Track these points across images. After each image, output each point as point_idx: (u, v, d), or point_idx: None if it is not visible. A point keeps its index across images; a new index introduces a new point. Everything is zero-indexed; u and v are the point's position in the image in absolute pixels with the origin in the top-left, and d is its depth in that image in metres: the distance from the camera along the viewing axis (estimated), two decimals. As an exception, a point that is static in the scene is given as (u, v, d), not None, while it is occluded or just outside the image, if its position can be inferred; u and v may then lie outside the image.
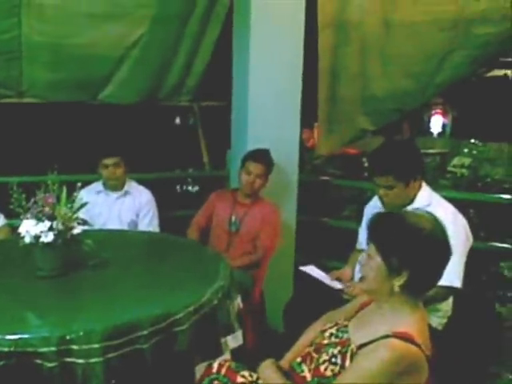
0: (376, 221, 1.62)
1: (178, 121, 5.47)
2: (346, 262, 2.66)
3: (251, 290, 2.88)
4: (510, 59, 5.93)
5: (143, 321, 1.66)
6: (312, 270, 2.40)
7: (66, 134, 4.20)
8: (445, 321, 2.36)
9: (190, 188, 4.61)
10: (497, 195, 3.64)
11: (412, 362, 1.46)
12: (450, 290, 2.20)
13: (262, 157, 3.02)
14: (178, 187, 4.62)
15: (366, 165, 4.83)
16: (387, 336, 1.47)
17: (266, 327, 3.02)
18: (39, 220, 1.95)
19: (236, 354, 2.05)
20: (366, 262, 1.58)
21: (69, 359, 1.55)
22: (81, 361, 1.56)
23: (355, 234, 2.76)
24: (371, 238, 1.59)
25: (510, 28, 3.51)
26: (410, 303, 1.55)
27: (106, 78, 3.58)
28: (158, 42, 3.52)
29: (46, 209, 1.97)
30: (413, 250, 1.51)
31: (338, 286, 2.32)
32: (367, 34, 3.65)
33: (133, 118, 4.20)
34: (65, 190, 2.04)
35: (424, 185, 2.37)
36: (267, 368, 1.68)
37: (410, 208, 2.16)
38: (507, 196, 3.56)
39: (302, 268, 2.42)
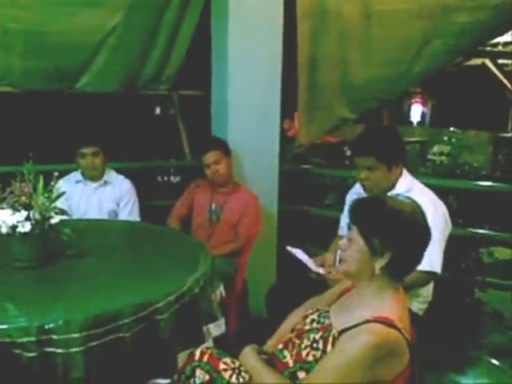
0: (358, 204, 1.65)
1: (158, 110, 5.42)
2: (328, 249, 2.67)
3: (234, 278, 2.88)
4: (487, 48, 6.00)
5: (124, 310, 1.64)
6: (298, 253, 2.41)
7: (43, 123, 4.13)
8: (425, 306, 2.39)
9: (171, 178, 4.58)
10: (475, 182, 3.68)
11: (393, 346, 1.48)
12: (431, 276, 2.23)
13: (209, 144, 3.06)
14: (159, 178, 4.59)
15: (348, 153, 4.86)
16: (368, 321, 1.48)
17: (248, 314, 3.03)
18: (15, 210, 1.91)
19: (219, 341, 2.05)
20: (348, 246, 1.59)
21: (48, 349, 1.53)
22: (61, 350, 1.53)
23: (337, 222, 2.78)
24: (353, 221, 1.60)
25: (487, 17, 3.53)
26: (391, 287, 1.57)
27: (82, 67, 3.51)
28: (135, 29, 3.46)
29: (23, 198, 1.93)
30: (394, 232, 1.53)
31: (320, 270, 2.33)
32: (346, 23, 3.64)
33: (112, 108, 4.14)
34: (41, 179, 2.00)
35: (405, 172, 2.39)
36: (248, 355, 1.68)
37: (390, 194, 2.18)
38: (486, 183, 3.61)
39: (289, 248, 2.43)
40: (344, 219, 2.69)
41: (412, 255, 1.57)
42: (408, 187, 2.31)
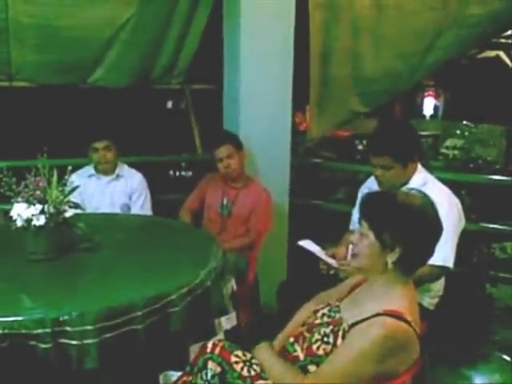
0: (368, 199, 1.65)
1: (169, 105, 5.42)
2: (339, 243, 2.67)
3: (245, 272, 2.89)
4: (501, 40, 5.91)
5: (137, 302, 1.66)
6: (309, 245, 2.41)
7: (57, 117, 4.17)
8: (436, 301, 2.39)
9: (183, 172, 4.59)
10: (488, 176, 3.65)
11: (403, 339, 1.49)
12: (443, 270, 2.22)
13: (222, 138, 3.06)
14: (171, 172, 4.60)
15: (359, 147, 4.83)
16: (378, 314, 1.49)
17: (259, 308, 3.04)
18: (30, 203, 1.94)
19: (230, 335, 2.07)
20: (359, 240, 1.60)
21: (63, 340, 1.56)
22: (75, 342, 1.56)
23: (348, 216, 2.77)
24: (363, 215, 1.61)
25: (500, 8, 3.49)
26: (401, 282, 1.57)
27: (95, 61, 3.55)
28: (147, 23, 3.47)
29: (37, 192, 1.96)
30: (405, 226, 1.53)
31: (332, 262, 2.33)
32: (358, 14, 3.62)
33: (124, 102, 4.16)
34: (55, 173, 2.02)
35: (419, 166, 2.38)
36: (263, 350, 1.69)
37: (404, 188, 2.17)
38: (499, 177, 3.58)
39: (301, 243, 2.43)
40: (356, 214, 2.69)
41: (423, 249, 1.57)
42: (422, 182, 2.30)
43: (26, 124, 4.11)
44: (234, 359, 1.60)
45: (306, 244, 2.42)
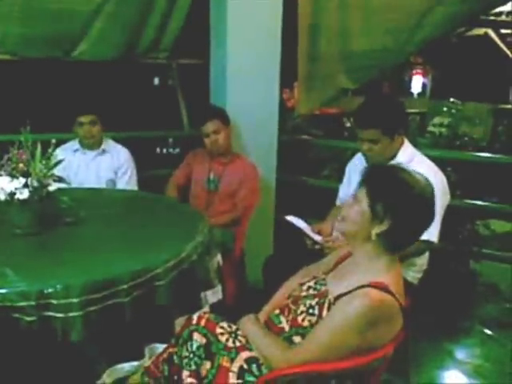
0: (373, 168, 1.67)
1: (156, 81, 5.37)
2: (325, 219, 2.68)
3: (232, 247, 2.90)
4: (491, 18, 5.91)
5: (123, 275, 1.66)
6: (296, 221, 2.43)
7: (41, 91, 4.10)
8: (420, 275, 2.42)
9: (169, 149, 4.56)
10: (474, 153, 3.67)
11: (387, 310, 1.51)
12: (427, 245, 2.24)
13: (209, 114, 3.03)
14: (157, 148, 4.57)
15: (347, 124, 4.83)
16: (363, 286, 1.51)
17: (246, 283, 3.06)
18: (13, 177, 1.91)
19: (216, 309, 2.08)
20: (352, 204, 1.60)
21: (48, 313, 1.55)
22: (60, 315, 1.55)
23: (334, 192, 2.78)
24: (364, 181, 1.60)
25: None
26: (386, 256, 1.58)
27: (79, 34, 3.47)
28: (132, -4, 3.42)
29: (21, 165, 1.93)
30: (400, 202, 1.53)
31: (317, 237, 2.35)
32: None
33: (110, 76, 4.11)
34: (39, 147, 1.99)
35: (406, 142, 2.39)
36: (248, 321, 1.71)
37: (392, 163, 2.18)
38: (485, 154, 3.61)
39: (288, 218, 2.44)
40: (343, 189, 2.70)
41: (410, 229, 1.57)
42: (409, 157, 2.31)
43: (10, 98, 4.04)
44: (219, 330, 1.61)
45: (293, 220, 2.44)
